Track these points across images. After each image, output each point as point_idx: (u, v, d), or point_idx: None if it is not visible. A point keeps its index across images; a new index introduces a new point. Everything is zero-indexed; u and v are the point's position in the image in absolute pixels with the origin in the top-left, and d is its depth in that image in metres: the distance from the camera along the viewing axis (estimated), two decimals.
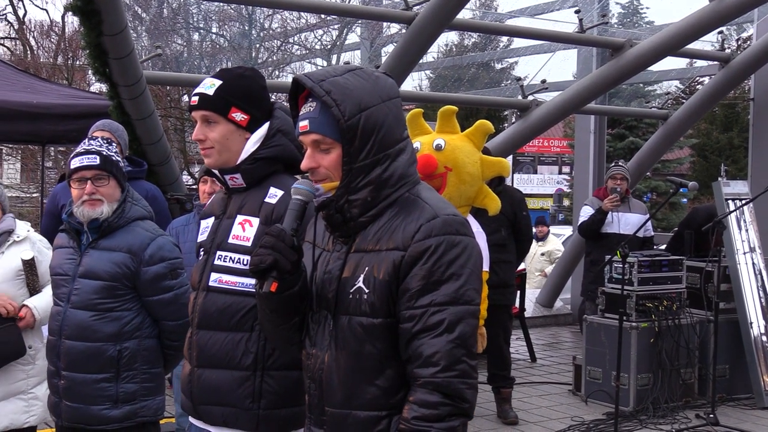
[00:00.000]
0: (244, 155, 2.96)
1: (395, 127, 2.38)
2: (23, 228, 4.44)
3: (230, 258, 2.92)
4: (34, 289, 4.28)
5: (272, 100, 3.14)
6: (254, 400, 2.87)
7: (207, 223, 3.07)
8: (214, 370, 2.91)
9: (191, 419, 3.07)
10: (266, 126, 2.99)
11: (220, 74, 3.00)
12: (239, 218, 2.95)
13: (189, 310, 3.02)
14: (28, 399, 4.30)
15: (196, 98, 2.96)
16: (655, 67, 11.36)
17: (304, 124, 2.37)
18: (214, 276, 2.94)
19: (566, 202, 33.74)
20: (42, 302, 4.24)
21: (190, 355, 2.98)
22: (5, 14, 29.30)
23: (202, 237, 3.07)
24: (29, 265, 4.27)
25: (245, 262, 2.87)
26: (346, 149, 2.33)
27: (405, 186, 2.38)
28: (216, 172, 3.00)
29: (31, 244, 4.41)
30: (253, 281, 2.74)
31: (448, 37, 22.24)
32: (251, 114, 2.97)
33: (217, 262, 2.94)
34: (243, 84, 2.98)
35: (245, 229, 2.93)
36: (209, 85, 2.95)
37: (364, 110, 2.32)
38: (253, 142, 2.97)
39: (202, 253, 3.03)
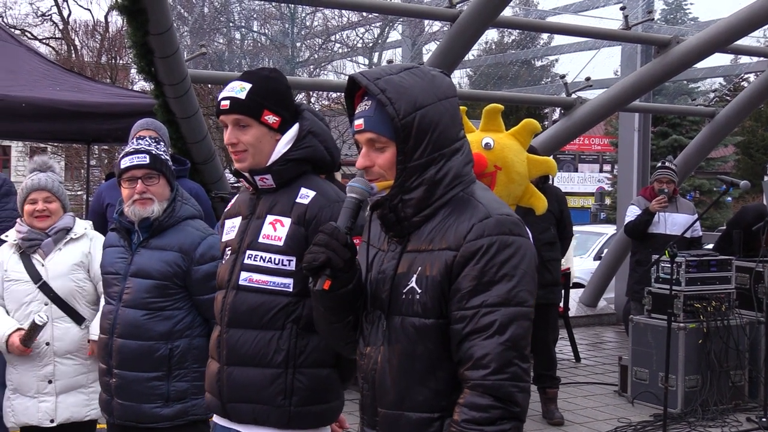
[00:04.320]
0: (275, 156, 2.96)
1: (451, 127, 2.35)
2: (81, 226, 4.50)
3: (261, 257, 2.92)
4: (30, 338, 4.25)
5: (297, 101, 3.14)
6: (286, 396, 2.88)
7: (233, 223, 3.08)
8: (244, 368, 2.91)
9: (216, 419, 3.08)
10: (296, 127, 3.00)
11: (247, 77, 2.99)
12: (270, 218, 2.96)
13: (216, 309, 3.02)
14: (89, 393, 4.35)
15: (226, 102, 2.94)
16: (701, 64, 11.20)
17: (359, 122, 2.36)
18: (244, 275, 2.94)
19: (608, 201, 33.49)
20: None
21: (219, 354, 2.98)
22: (50, 15, 29.77)
23: (228, 237, 3.07)
24: (33, 329, 4.25)
25: (276, 261, 2.89)
26: (400, 148, 2.31)
27: (459, 186, 2.35)
28: (245, 173, 3.01)
29: (89, 240, 4.47)
30: (284, 280, 2.85)
31: (488, 35, 22.19)
32: (282, 116, 2.97)
33: (247, 261, 2.95)
34: (272, 86, 2.98)
35: (276, 229, 2.93)
36: (239, 89, 2.94)
37: (419, 109, 2.30)
38: (284, 143, 2.97)
39: (228, 252, 3.03)
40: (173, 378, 3.61)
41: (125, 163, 3.66)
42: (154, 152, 3.67)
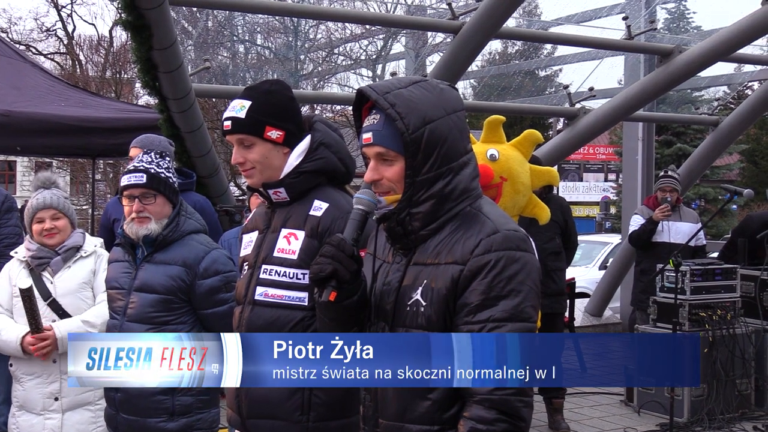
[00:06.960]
0: (287, 169, 2.97)
1: (459, 140, 2.36)
2: (91, 243, 4.49)
3: (276, 271, 2.93)
4: (33, 318, 4.16)
5: (311, 113, 3.13)
6: (303, 412, 2.88)
7: (250, 238, 3.08)
8: None
9: None
10: (308, 139, 3.00)
11: (247, 94, 2.99)
12: (284, 232, 2.96)
13: (234, 324, 3.01)
14: (95, 410, 4.31)
15: (228, 123, 2.95)
16: (705, 73, 11.20)
17: (367, 136, 2.36)
18: (259, 290, 2.95)
19: (613, 210, 33.44)
20: (68, 325, 4.23)
21: None
22: (55, 30, 29.88)
23: (245, 251, 3.07)
24: (27, 296, 4.15)
25: (291, 275, 2.89)
26: (409, 162, 2.32)
27: (467, 200, 2.36)
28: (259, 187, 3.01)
29: (96, 258, 4.46)
30: (299, 294, 2.85)
31: (492, 46, 22.20)
32: (286, 129, 2.97)
33: (262, 275, 2.95)
34: (272, 100, 2.97)
35: (290, 243, 2.93)
36: (239, 108, 2.94)
37: (429, 123, 2.31)
38: (295, 156, 2.98)
39: (246, 267, 3.03)
40: (178, 392, 3.61)
41: (123, 181, 3.71)
42: (153, 171, 3.68)
